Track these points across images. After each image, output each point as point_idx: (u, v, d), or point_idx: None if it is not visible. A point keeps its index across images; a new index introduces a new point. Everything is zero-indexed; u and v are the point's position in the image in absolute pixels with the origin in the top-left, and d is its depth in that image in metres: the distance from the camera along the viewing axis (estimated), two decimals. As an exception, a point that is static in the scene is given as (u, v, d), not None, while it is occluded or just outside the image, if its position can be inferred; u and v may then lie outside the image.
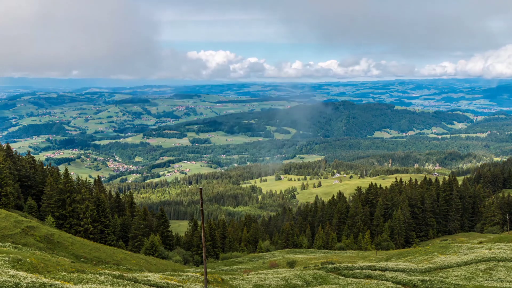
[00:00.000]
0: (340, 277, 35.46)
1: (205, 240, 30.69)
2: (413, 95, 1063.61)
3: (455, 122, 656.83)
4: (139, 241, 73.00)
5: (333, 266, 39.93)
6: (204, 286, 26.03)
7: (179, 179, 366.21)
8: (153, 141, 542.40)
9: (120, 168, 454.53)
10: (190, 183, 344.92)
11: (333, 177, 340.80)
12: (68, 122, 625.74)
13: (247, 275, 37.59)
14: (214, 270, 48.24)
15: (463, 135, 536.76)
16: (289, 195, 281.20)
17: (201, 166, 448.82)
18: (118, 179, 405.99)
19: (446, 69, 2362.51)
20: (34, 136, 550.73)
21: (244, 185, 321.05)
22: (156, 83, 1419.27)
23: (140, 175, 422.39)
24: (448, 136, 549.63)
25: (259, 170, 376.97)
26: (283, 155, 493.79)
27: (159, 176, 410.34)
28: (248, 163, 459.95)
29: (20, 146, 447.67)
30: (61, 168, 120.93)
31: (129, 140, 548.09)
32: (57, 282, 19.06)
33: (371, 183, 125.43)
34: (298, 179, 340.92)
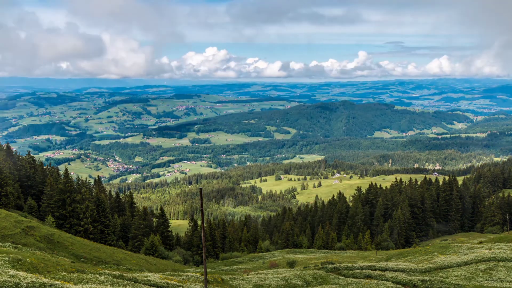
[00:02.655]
0: (340, 277, 35.46)
1: (205, 240, 30.70)
2: (413, 95, 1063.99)
3: (455, 122, 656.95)
4: (139, 241, 73.02)
5: (333, 266, 39.92)
6: (204, 286, 26.03)
7: (179, 179, 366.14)
8: (153, 141, 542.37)
9: (120, 168, 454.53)
10: (190, 183, 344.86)
11: (333, 177, 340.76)
12: (68, 122, 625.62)
13: (247, 275, 37.58)
14: (214, 270, 48.24)
15: (463, 135, 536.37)
16: (289, 195, 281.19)
17: (201, 166, 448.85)
18: (118, 179, 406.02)
19: (446, 69, 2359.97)
20: (34, 136, 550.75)
21: (244, 185, 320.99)
22: (156, 83, 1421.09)
23: (140, 175, 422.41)
24: (448, 136, 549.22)
25: (259, 170, 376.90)
26: (283, 155, 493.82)
27: (159, 176, 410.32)
28: (248, 163, 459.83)
29: (20, 146, 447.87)
30: (61, 168, 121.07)
31: (129, 140, 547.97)
32: (57, 282, 19.06)
33: (371, 183, 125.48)
34: (298, 179, 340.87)
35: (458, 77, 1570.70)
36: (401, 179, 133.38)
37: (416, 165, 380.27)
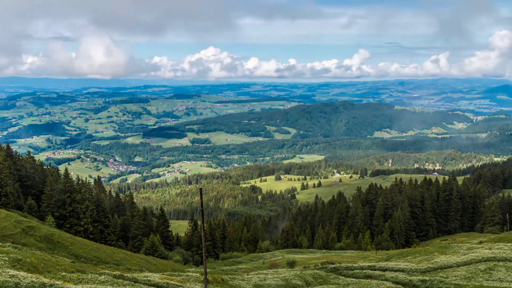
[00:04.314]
0: (340, 277, 35.46)
1: (205, 240, 30.70)
2: (413, 95, 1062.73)
3: (455, 122, 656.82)
4: (139, 241, 73.00)
5: (333, 266, 39.92)
6: (204, 286, 26.04)
7: (179, 179, 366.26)
8: (153, 141, 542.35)
9: (120, 168, 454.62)
10: (190, 183, 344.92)
11: (333, 177, 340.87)
12: (68, 122, 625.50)
13: (247, 275, 37.58)
14: (214, 270, 48.23)
15: (463, 135, 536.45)
16: (289, 195, 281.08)
17: (201, 166, 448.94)
18: (118, 179, 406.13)
19: (446, 69, 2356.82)
20: (34, 136, 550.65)
21: (244, 185, 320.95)
22: (156, 83, 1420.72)
23: (140, 175, 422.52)
24: (448, 136, 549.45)
25: (259, 170, 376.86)
26: (283, 155, 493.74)
27: (159, 176, 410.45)
28: (248, 163, 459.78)
29: (20, 146, 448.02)
30: (61, 168, 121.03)
31: (129, 140, 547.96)
32: (57, 282, 19.07)
33: (371, 183, 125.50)
34: (298, 179, 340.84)
35: (458, 77, 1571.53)
36: (401, 179, 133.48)
37: (416, 165, 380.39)
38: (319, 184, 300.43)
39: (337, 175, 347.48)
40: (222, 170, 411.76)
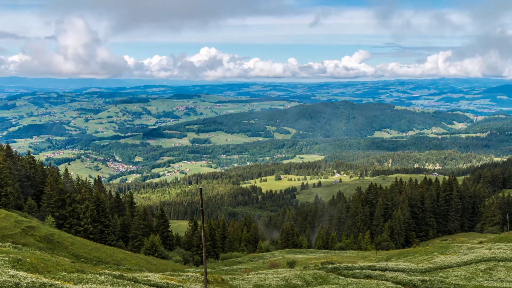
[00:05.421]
0: (340, 277, 35.46)
1: (205, 240, 30.71)
2: (413, 95, 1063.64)
3: (455, 122, 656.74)
4: (139, 241, 72.98)
5: (333, 266, 39.92)
6: (204, 286, 26.04)
7: (179, 179, 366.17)
8: (153, 141, 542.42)
9: (120, 168, 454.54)
10: (190, 183, 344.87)
11: (333, 177, 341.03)
12: (68, 122, 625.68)
13: (247, 275, 37.57)
14: (214, 270, 48.21)
15: (463, 135, 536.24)
16: (289, 195, 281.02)
17: (201, 166, 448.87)
18: (118, 179, 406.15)
19: (446, 69, 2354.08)
20: (34, 136, 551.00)
21: (244, 185, 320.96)
22: (156, 83, 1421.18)
23: (140, 175, 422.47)
24: (448, 136, 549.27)
25: (259, 170, 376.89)
26: (283, 155, 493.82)
27: (159, 176, 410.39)
28: (248, 163, 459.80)
29: (20, 146, 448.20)
30: (61, 168, 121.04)
31: (129, 140, 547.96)
32: (57, 282, 19.07)
33: (371, 183, 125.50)
34: (298, 179, 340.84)
35: (458, 77, 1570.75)
36: (401, 179, 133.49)
37: (416, 165, 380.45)
38: (319, 184, 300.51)
39: (337, 175, 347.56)
40: (222, 170, 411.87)
